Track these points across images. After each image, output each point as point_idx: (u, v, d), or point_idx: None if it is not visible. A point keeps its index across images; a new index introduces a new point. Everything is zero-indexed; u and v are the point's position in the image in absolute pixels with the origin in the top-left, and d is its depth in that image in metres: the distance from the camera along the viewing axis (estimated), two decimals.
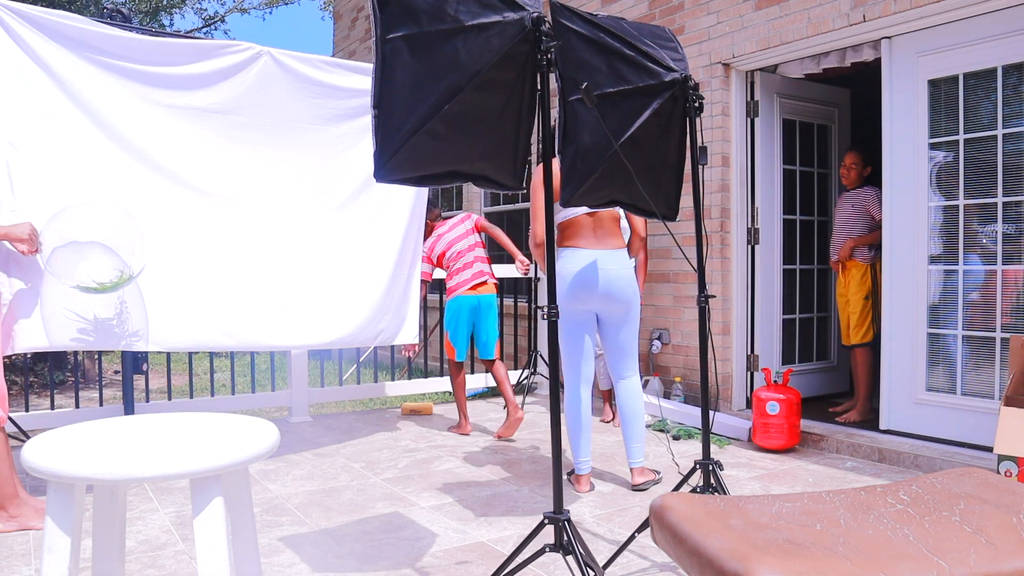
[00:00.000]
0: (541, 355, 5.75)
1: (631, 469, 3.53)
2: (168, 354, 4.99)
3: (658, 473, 3.62)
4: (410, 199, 4.47)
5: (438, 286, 5.16)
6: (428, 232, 4.79)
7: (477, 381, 5.99)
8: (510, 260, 5.07)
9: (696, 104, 2.70)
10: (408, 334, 4.60)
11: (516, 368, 6.35)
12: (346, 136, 4.16)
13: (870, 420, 4.45)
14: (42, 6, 3.67)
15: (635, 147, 2.54)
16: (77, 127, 3.46)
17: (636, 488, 3.50)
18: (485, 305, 4.65)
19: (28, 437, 4.15)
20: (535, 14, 2.10)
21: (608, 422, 5.01)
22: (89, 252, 3.37)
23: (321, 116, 4.08)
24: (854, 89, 5.62)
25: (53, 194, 3.35)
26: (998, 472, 3.03)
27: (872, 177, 4.79)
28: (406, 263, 4.52)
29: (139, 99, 3.60)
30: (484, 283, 4.66)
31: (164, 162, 3.67)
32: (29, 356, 4.53)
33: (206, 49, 3.76)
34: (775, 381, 4.32)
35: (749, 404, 4.94)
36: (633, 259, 3.67)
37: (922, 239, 4.08)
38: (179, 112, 3.69)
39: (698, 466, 2.76)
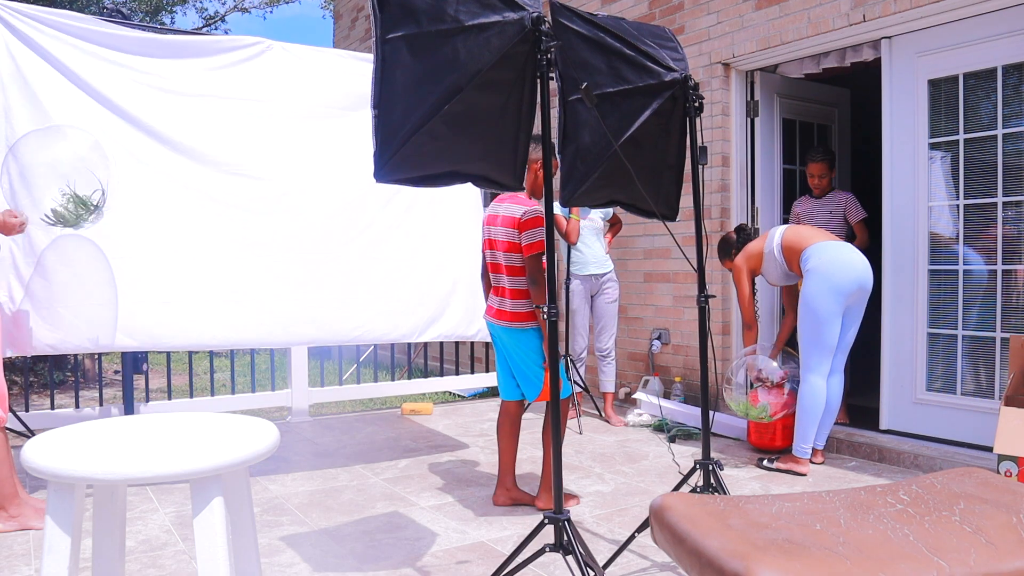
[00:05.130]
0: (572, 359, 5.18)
1: (817, 451, 3.95)
2: (168, 354, 4.98)
3: None
4: (452, 190, 4.27)
5: None
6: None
7: (477, 381, 5.99)
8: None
9: (696, 104, 2.70)
10: (472, 328, 4.44)
11: None
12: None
13: (870, 420, 4.44)
14: (42, 5, 3.67)
15: (635, 147, 2.54)
16: (85, 120, 3.45)
17: (818, 463, 3.94)
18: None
19: (33, 434, 4.16)
20: (535, 14, 2.10)
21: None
22: (55, 179, 3.21)
23: (338, 104, 4.02)
24: (854, 89, 5.61)
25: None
26: (998, 472, 3.03)
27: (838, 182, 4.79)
28: (449, 256, 4.35)
29: (147, 90, 3.57)
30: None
31: (186, 150, 3.64)
32: (29, 356, 4.52)
33: (214, 44, 3.77)
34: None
35: None
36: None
37: (922, 239, 4.07)
38: (191, 101, 3.66)
39: (698, 466, 2.76)
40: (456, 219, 4.38)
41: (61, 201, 3.19)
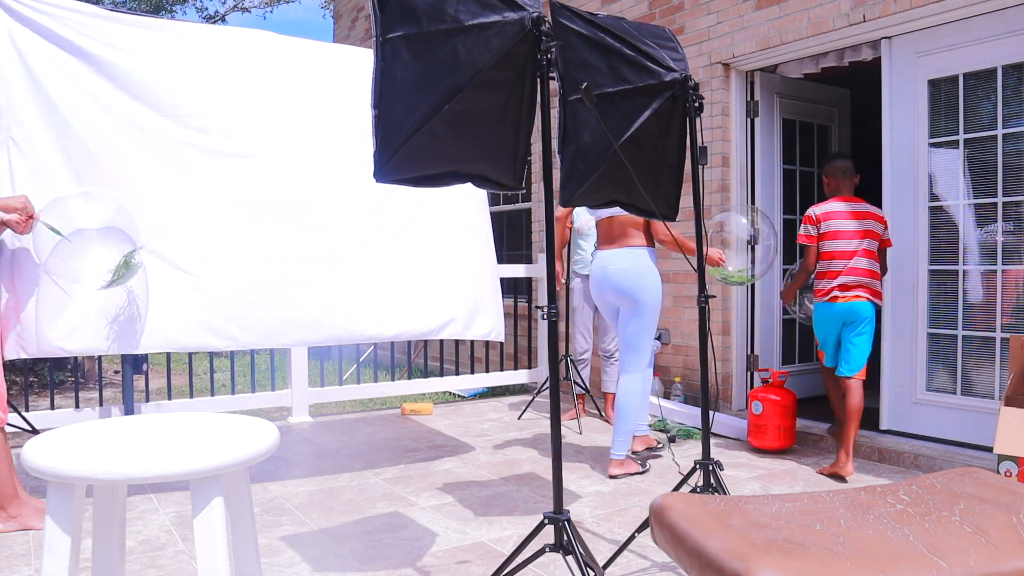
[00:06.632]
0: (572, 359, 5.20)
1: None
2: (168, 354, 4.98)
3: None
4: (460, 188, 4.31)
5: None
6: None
7: (477, 381, 5.99)
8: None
9: (696, 104, 2.70)
10: (484, 327, 4.30)
11: (516, 367, 6.35)
12: None
13: (870, 420, 4.44)
14: None
15: (635, 147, 2.54)
16: (92, 113, 3.40)
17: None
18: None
19: (37, 431, 4.15)
20: (535, 14, 2.10)
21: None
22: (92, 245, 3.22)
23: (353, 99, 3.97)
24: (854, 89, 5.62)
25: (57, 184, 3.30)
26: (998, 472, 3.03)
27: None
28: (458, 252, 4.26)
29: (152, 72, 3.53)
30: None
31: (194, 136, 3.55)
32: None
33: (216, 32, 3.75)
34: (765, 381, 4.32)
35: None
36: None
37: (922, 239, 4.07)
38: (202, 82, 3.60)
39: (698, 466, 2.76)
40: (466, 216, 4.33)
41: (112, 268, 3.25)
